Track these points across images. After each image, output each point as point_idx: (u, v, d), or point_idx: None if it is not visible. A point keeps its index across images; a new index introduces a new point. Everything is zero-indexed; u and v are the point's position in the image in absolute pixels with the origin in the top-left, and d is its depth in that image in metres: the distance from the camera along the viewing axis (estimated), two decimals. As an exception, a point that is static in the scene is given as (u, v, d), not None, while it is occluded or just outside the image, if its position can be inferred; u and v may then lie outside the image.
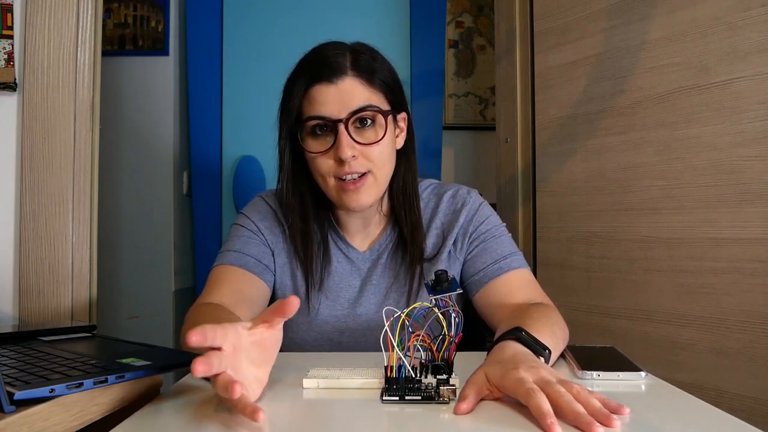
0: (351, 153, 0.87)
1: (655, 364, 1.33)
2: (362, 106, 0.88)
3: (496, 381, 0.61)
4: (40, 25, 1.11)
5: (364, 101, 0.89)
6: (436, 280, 0.69)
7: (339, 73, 0.88)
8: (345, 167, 0.88)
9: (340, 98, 0.87)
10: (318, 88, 0.88)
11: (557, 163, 1.60)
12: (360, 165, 0.89)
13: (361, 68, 0.89)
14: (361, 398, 0.63)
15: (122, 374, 0.59)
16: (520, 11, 1.73)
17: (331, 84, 0.88)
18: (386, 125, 0.91)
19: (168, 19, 2.08)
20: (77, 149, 1.13)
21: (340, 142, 0.87)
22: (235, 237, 0.99)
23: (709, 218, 1.27)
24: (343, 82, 0.88)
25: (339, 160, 0.88)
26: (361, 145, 0.88)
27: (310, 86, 0.89)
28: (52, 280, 1.11)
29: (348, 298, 0.99)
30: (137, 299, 2.04)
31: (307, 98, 0.90)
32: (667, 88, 1.34)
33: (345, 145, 0.87)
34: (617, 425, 0.53)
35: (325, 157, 0.90)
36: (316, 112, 0.88)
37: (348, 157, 0.87)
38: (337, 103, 0.87)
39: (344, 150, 0.87)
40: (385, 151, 0.92)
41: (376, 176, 0.91)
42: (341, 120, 0.87)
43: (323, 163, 0.90)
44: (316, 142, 0.90)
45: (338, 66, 0.88)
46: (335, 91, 0.87)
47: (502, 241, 0.98)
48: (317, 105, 0.88)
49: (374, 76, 0.90)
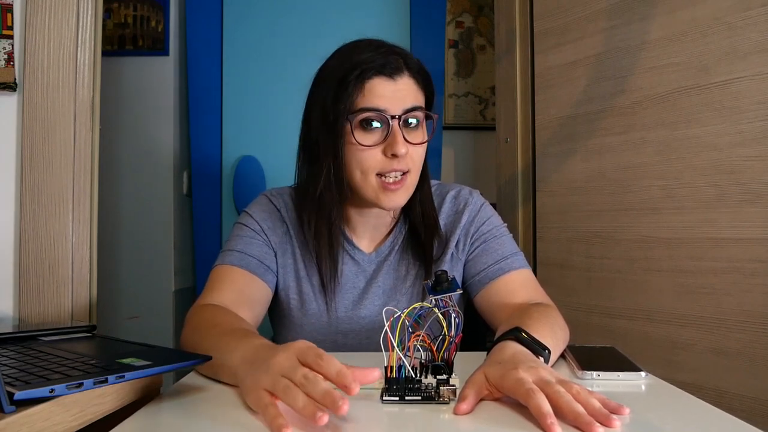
0: (404, 149, 0.87)
1: (655, 364, 1.33)
2: (415, 106, 0.89)
3: (496, 381, 0.61)
4: (40, 25, 1.11)
5: (417, 102, 0.90)
6: (437, 280, 0.69)
7: (398, 71, 0.88)
8: (395, 164, 0.88)
9: (398, 95, 0.87)
10: (378, 81, 0.87)
11: (557, 163, 1.60)
12: (405, 163, 0.89)
13: (414, 70, 0.90)
14: (361, 398, 0.63)
15: (122, 374, 0.59)
16: (520, 11, 1.73)
17: (390, 79, 0.87)
18: (432, 130, 0.93)
19: (168, 19, 2.07)
20: (77, 149, 1.13)
21: (395, 139, 0.86)
22: (238, 236, 0.99)
23: (709, 218, 1.27)
24: (402, 80, 0.88)
25: (391, 155, 0.87)
26: (410, 144, 0.89)
27: (369, 78, 0.87)
28: (52, 280, 1.11)
29: (352, 299, 0.99)
30: (137, 299, 2.04)
31: (364, 90, 0.87)
32: (667, 88, 1.34)
33: (401, 142, 0.86)
34: (617, 425, 0.53)
35: (373, 152, 0.88)
36: (372, 104, 0.87)
37: (403, 153, 0.87)
38: (394, 98, 0.87)
39: (400, 146, 0.86)
40: (423, 154, 0.93)
41: (412, 177, 0.92)
42: (396, 116, 0.87)
43: (370, 157, 0.88)
44: (367, 135, 0.88)
45: (397, 63, 0.88)
46: (393, 87, 0.87)
47: (503, 242, 0.99)
48: (375, 98, 0.87)
49: (422, 80, 0.92)
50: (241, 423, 0.57)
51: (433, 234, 0.98)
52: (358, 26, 2.08)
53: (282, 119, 2.02)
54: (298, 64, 2.07)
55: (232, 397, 0.65)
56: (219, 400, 0.64)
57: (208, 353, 0.69)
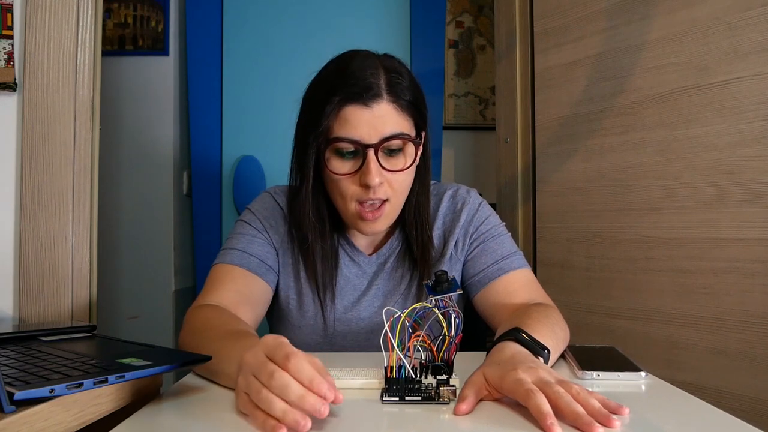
0: (379, 180, 0.85)
1: (655, 364, 1.33)
2: (394, 134, 0.85)
3: (495, 382, 0.61)
4: (40, 25, 1.11)
5: (396, 128, 0.85)
6: (437, 280, 0.69)
7: (375, 97, 0.84)
8: (370, 193, 0.86)
9: (374, 123, 0.84)
10: (352, 109, 0.84)
11: (557, 163, 1.60)
12: (383, 192, 0.87)
13: (396, 92, 0.86)
14: (361, 398, 0.63)
15: (122, 374, 0.59)
16: (520, 11, 1.73)
17: (365, 107, 0.84)
18: (415, 154, 0.90)
19: (168, 19, 2.08)
20: (77, 149, 1.13)
21: (369, 169, 0.84)
22: (239, 235, 0.97)
23: (709, 218, 1.27)
24: (379, 107, 0.84)
25: (365, 185, 0.86)
26: (388, 172, 0.87)
27: (343, 106, 0.84)
28: (52, 280, 1.11)
29: (351, 301, 0.99)
30: (137, 299, 2.04)
31: (339, 118, 0.85)
32: (667, 88, 1.34)
33: (374, 173, 0.84)
34: (617, 425, 0.53)
35: (350, 181, 0.87)
36: (347, 134, 0.84)
37: (375, 184, 0.85)
38: (369, 127, 0.84)
39: (373, 177, 0.84)
40: (408, 179, 0.91)
41: (393, 204, 0.90)
42: (372, 145, 0.84)
43: (347, 186, 0.87)
44: (342, 163, 0.86)
45: (375, 88, 0.84)
46: (369, 115, 0.84)
47: (502, 241, 0.98)
48: (349, 127, 0.84)
49: (407, 101, 0.87)
50: (241, 423, 0.57)
51: (425, 252, 0.96)
52: (358, 26, 2.09)
53: (282, 119, 2.00)
54: (298, 64, 2.07)
55: (232, 398, 0.65)
56: (219, 401, 0.64)
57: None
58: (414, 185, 0.95)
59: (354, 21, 2.09)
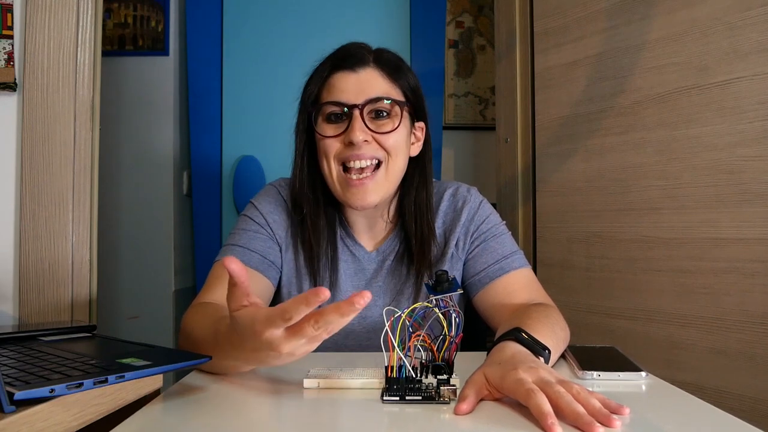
0: (362, 137, 0.86)
1: (655, 364, 1.33)
2: (380, 96, 0.88)
3: (496, 382, 0.61)
4: (40, 25, 1.11)
5: (383, 92, 0.89)
6: (437, 280, 0.69)
7: (361, 63, 0.89)
8: (354, 150, 0.87)
9: (359, 86, 0.88)
10: (338, 75, 0.90)
11: (557, 163, 1.60)
12: (372, 150, 0.88)
13: (383, 62, 0.91)
14: (361, 398, 0.63)
15: (122, 374, 0.59)
16: (520, 11, 1.73)
17: (351, 72, 0.89)
18: (401, 118, 0.91)
19: (168, 19, 2.07)
20: (77, 149, 1.13)
21: (352, 126, 0.87)
22: (242, 230, 0.97)
23: (709, 218, 1.27)
24: (365, 71, 0.89)
25: (349, 143, 0.87)
26: (375, 133, 0.88)
27: (332, 73, 0.90)
28: (52, 280, 1.11)
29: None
30: (137, 299, 2.04)
31: (327, 85, 0.91)
32: (667, 88, 1.34)
33: (357, 129, 0.86)
34: (617, 425, 0.53)
35: (335, 141, 0.89)
36: (333, 97, 0.89)
37: (359, 141, 0.86)
38: (355, 90, 0.88)
39: (356, 133, 0.86)
40: (400, 141, 0.91)
41: (388, 168, 0.90)
42: (357, 105, 0.87)
43: (331, 145, 0.89)
44: (329, 126, 0.90)
45: (361, 56, 0.90)
46: (355, 78, 0.89)
47: (502, 241, 0.98)
48: (336, 91, 0.89)
49: (395, 73, 0.91)
50: (241, 423, 0.57)
51: (425, 248, 0.96)
52: (358, 26, 2.09)
53: (282, 119, 2.00)
54: (298, 64, 2.05)
55: (232, 398, 0.65)
56: (219, 400, 0.64)
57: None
58: (413, 178, 0.96)
59: (354, 21, 2.09)
